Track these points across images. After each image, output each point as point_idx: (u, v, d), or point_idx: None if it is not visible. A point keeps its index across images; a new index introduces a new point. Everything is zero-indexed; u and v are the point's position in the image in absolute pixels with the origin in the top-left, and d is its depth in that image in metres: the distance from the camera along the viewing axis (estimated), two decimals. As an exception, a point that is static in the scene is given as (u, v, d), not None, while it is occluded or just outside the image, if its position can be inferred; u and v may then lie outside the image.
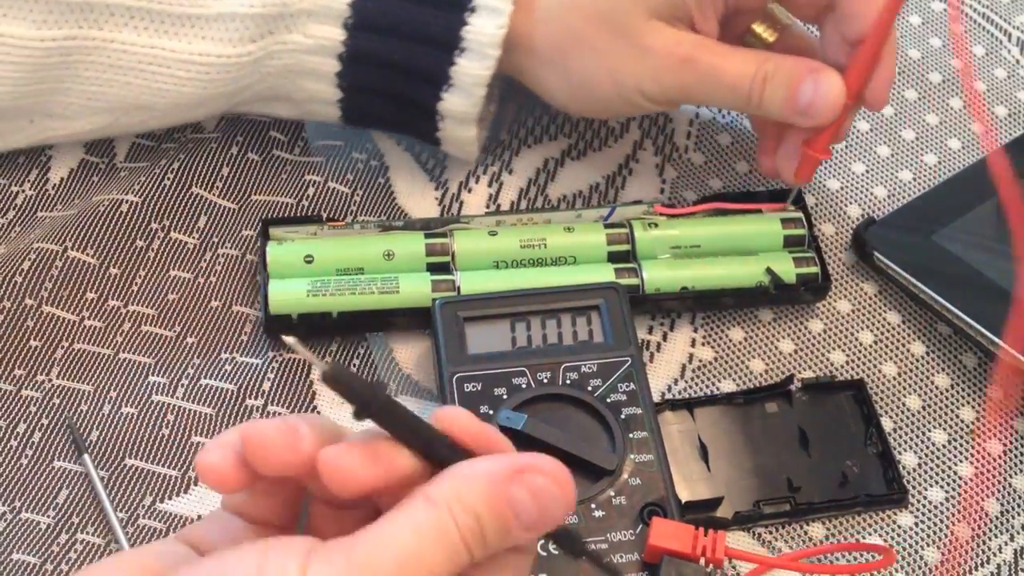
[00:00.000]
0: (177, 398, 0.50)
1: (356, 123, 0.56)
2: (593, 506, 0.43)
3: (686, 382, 0.52)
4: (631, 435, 0.45)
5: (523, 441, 0.44)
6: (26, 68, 0.49)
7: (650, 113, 0.59)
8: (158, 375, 0.50)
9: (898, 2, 0.48)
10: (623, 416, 0.46)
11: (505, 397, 0.46)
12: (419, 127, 0.55)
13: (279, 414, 0.49)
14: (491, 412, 0.46)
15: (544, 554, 0.42)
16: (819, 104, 0.50)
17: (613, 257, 0.53)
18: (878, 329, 0.54)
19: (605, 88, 0.52)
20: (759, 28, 0.55)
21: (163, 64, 0.50)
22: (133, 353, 0.51)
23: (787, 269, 0.52)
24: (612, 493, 0.44)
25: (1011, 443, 0.51)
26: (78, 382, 0.50)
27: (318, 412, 0.50)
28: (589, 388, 0.47)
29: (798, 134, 0.52)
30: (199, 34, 0.50)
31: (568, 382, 0.47)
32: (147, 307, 0.52)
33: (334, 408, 0.50)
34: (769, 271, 0.52)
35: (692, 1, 0.50)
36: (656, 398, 0.51)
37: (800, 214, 0.54)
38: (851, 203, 0.58)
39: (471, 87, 0.52)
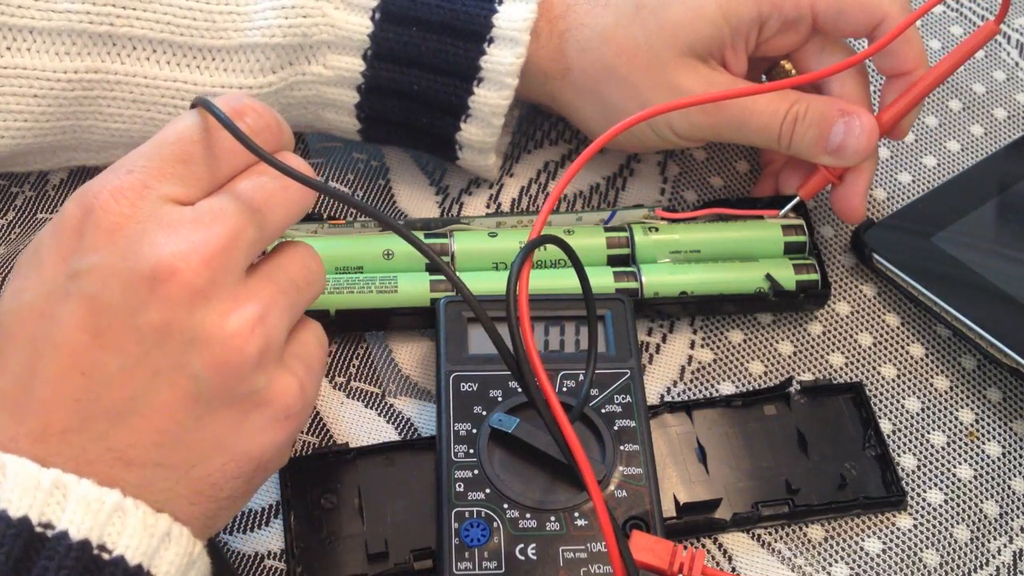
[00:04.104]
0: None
1: (376, 144, 0.57)
2: (576, 515, 0.43)
3: (685, 384, 0.52)
4: (622, 447, 0.45)
5: (513, 445, 0.45)
6: (48, 101, 0.49)
7: (680, 148, 0.59)
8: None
9: (958, 62, 0.50)
10: (616, 428, 0.46)
11: (500, 399, 0.46)
12: (438, 153, 0.55)
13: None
14: (484, 413, 0.46)
15: (522, 558, 0.42)
16: (851, 146, 0.50)
17: (613, 260, 0.53)
18: (877, 331, 0.54)
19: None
20: (787, 64, 0.55)
21: (185, 98, 0.50)
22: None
23: (787, 276, 0.52)
24: None
25: (1010, 445, 0.51)
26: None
27: (318, 411, 0.50)
28: None
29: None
30: (221, 66, 0.50)
31: (565, 390, 0.47)
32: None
33: (334, 405, 0.50)
34: (769, 277, 0.52)
35: (727, 39, 0.51)
36: (655, 400, 0.51)
37: (801, 220, 0.54)
38: (851, 205, 0.58)
39: (489, 116, 0.52)
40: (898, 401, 0.52)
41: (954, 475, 0.50)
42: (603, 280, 0.51)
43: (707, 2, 0.50)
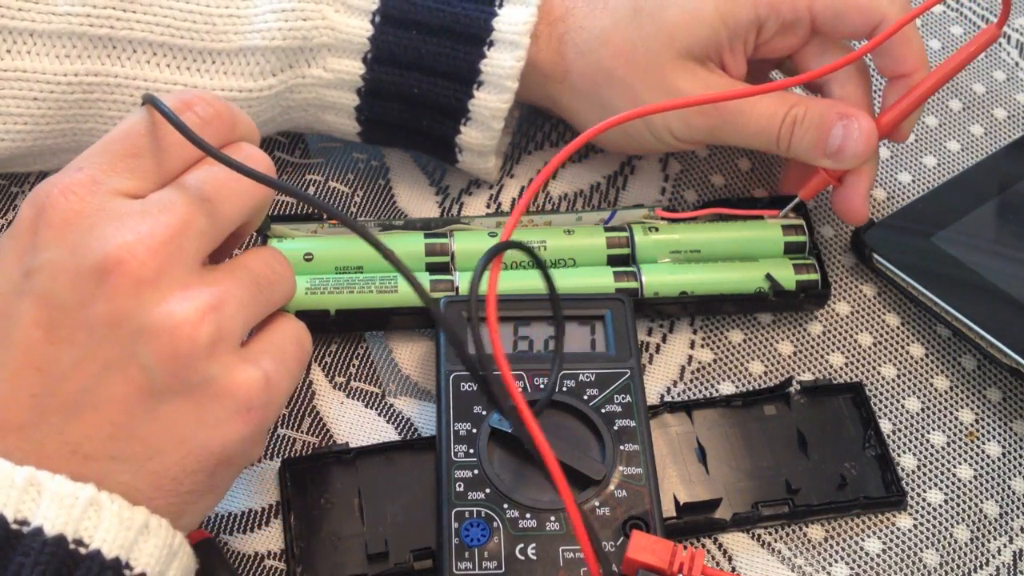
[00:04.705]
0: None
1: (376, 145, 0.57)
2: None
3: (685, 384, 0.52)
4: (622, 447, 0.45)
5: (513, 445, 0.45)
6: (48, 104, 0.49)
7: (679, 150, 0.59)
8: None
9: (959, 65, 0.50)
10: (616, 427, 0.46)
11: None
12: (438, 155, 0.55)
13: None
14: (484, 413, 0.46)
15: (522, 558, 0.43)
16: (849, 149, 0.50)
17: (612, 260, 0.53)
18: (877, 331, 0.54)
19: (636, 124, 0.52)
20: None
21: None
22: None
23: (787, 276, 0.52)
24: (597, 503, 0.44)
25: (1010, 445, 0.51)
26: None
27: (318, 411, 0.50)
28: (585, 397, 0.46)
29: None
30: (221, 69, 0.50)
31: (565, 389, 0.47)
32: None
33: (334, 407, 0.50)
34: (769, 277, 0.52)
35: (725, 41, 0.51)
36: (655, 400, 0.51)
37: (801, 220, 0.54)
38: (851, 205, 0.58)
39: (489, 120, 0.52)
40: (898, 401, 0.52)
41: (954, 475, 0.50)
42: (603, 280, 0.51)
43: (704, 5, 0.50)
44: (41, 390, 0.36)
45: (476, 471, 0.44)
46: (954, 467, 0.50)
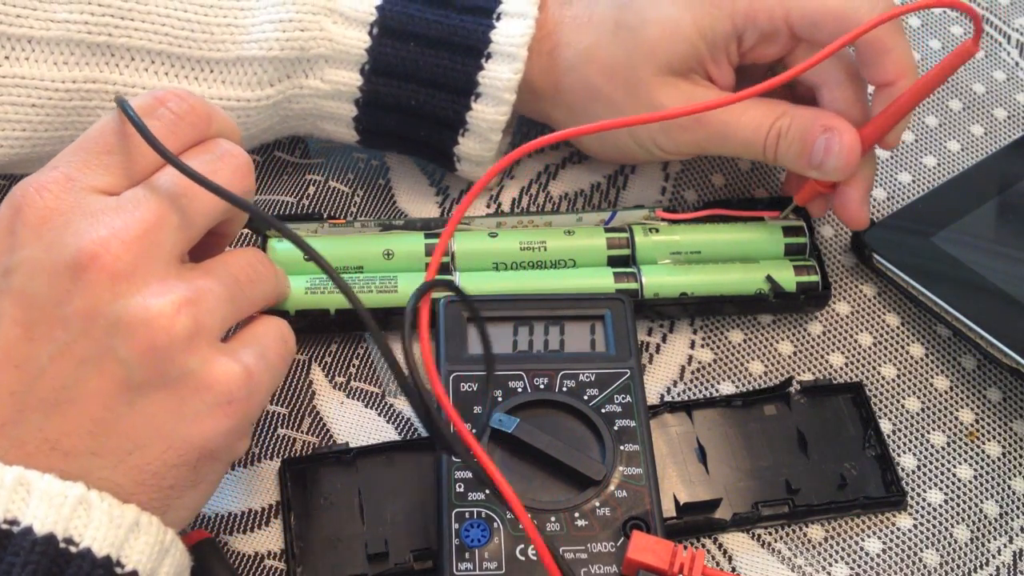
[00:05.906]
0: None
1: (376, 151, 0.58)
2: (576, 515, 0.43)
3: (685, 384, 0.52)
4: (622, 447, 0.45)
5: (513, 445, 0.45)
6: (47, 111, 0.49)
7: (672, 160, 0.59)
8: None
9: (942, 75, 0.49)
10: (616, 427, 0.46)
11: (500, 399, 0.46)
12: (437, 163, 0.55)
13: (278, 413, 0.49)
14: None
15: (523, 558, 0.42)
16: (830, 163, 0.50)
17: (613, 261, 0.53)
18: (877, 331, 0.54)
19: (624, 139, 0.53)
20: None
21: None
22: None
23: (787, 277, 0.52)
24: (597, 504, 0.44)
25: (1010, 445, 0.51)
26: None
27: (318, 411, 0.50)
28: (585, 397, 0.46)
29: None
30: (219, 78, 0.50)
31: (564, 389, 0.47)
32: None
33: (334, 407, 0.50)
34: (769, 279, 0.52)
35: (706, 54, 0.50)
36: (655, 400, 0.51)
37: (801, 222, 0.54)
38: (851, 205, 0.58)
39: (487, 132, 0.52)
40: (898, 401, 0.52)
41: (954, 475, 0.50)
42: (603, 281, 0.51)
43: (682, 20, 0.50)
44: (20, 387, 0.37)
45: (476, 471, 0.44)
46: (954, 467, 0.50)
